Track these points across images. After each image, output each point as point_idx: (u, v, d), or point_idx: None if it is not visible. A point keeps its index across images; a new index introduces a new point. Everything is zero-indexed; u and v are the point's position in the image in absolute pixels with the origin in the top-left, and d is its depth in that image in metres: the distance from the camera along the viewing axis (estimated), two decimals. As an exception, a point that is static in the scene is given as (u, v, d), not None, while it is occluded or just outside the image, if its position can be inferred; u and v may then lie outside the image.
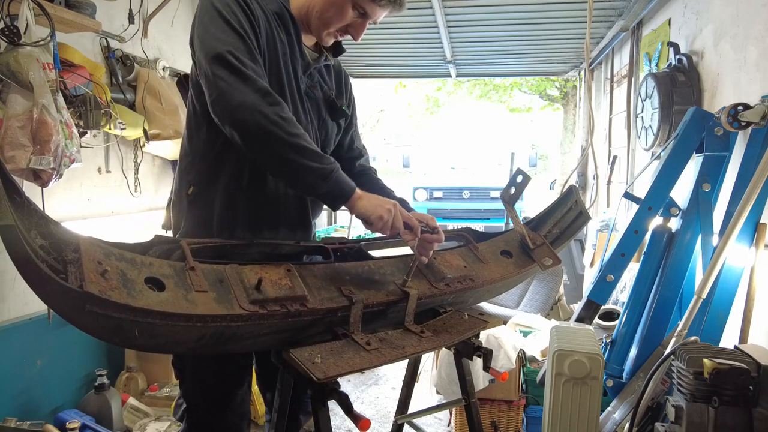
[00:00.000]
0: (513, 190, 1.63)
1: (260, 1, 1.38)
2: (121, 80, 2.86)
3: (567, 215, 1.85)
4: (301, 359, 1.12)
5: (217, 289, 1.12)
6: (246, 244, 1.36)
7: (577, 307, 2.50)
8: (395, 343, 1.27)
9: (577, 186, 1.90)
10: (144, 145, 3.03)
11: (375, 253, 1.55)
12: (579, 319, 2.40)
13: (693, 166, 2.26)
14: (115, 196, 2.94)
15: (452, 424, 2.85)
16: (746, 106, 2.00)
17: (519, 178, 1.61)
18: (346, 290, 1.29)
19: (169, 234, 1.53)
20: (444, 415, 3.04)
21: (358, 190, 1.32)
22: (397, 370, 3.60)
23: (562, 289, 3.65)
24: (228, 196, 1.41)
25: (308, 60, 1.49)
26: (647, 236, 2.34)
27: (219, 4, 1.29)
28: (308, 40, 1.51)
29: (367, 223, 1.33)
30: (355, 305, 1.26)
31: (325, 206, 1.49)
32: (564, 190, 1.90)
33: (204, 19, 1.30)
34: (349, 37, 1.50)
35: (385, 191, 1.57)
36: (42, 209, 0.99)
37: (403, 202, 1.49)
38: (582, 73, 5.95)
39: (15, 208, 0.89)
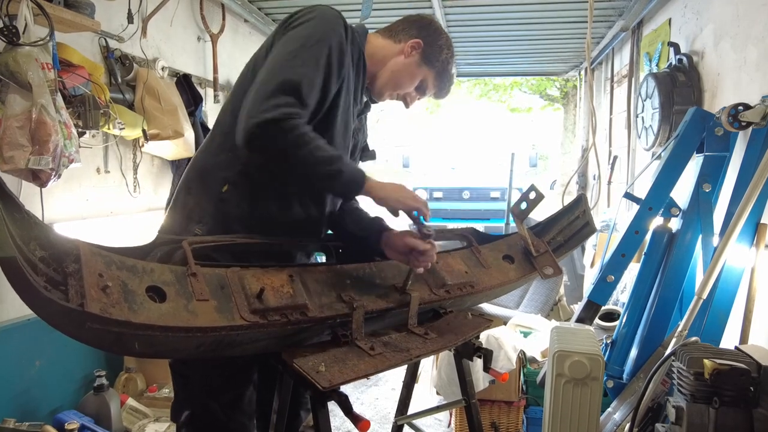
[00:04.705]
0: (524, 206, 1.64)
1: (349, 42, 1.44)
2: (120, 80, 2.85)
3: (573, 224, 1.83)
4: (305, 368, 1.11)
5: (218, 297, 1.11)
6: (249, 242, 1.34)
7: (577, 308, 2.50)
8: (400, 346, 1.26)
9: (586, 195, 1.88)
10: (143, 146, 3.02)
11: None
12: (579, 320, 2.40)
13: (693, 167, 2.25)
14: (113, 197, 2.94)
15: (452, 425, 2.84)
16: (746, 106, 2.00)
17: (532, 195, 1.62)
18: (346, 296, 1.29)
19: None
20: (444, 416, 3.03)
21: (369, 177, 1.36)
22: (397, 371, 3.57)
23: (562, 290, 3.64)
24: (276, 198, 1.44)
25: (362, 105, 1.60)
26: (648, 236, 2.33)
27: (328, 42, 1.35)
28: None
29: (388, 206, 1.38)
30: (357, 311, 1.25)
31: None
32: (574, 197, 1.89)
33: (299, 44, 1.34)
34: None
35: (372, 220, 1.59)
36: (42, 218, 0.98)
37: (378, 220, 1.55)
38: (582, 72, 5.96)
39: (14, 224, 0.88)
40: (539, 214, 1.97)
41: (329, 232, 1.62)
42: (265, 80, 1.30)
